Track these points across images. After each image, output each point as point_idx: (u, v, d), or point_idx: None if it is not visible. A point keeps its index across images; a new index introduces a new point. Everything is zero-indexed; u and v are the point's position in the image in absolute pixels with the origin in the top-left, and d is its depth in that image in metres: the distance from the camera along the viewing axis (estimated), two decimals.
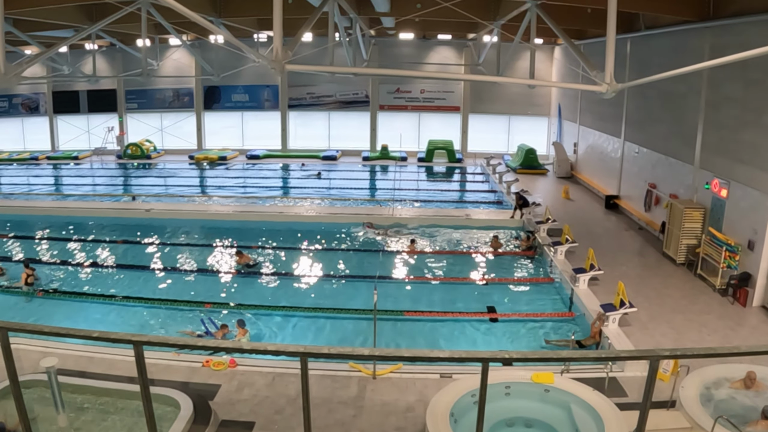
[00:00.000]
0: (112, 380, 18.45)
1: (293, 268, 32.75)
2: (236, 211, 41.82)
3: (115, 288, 29.63)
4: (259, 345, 6.79)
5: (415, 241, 35.42)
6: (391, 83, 66.10)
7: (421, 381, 19.38)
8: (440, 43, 64.43)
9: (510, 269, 32.51)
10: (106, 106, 70.97)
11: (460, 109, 66.28)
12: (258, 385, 19.13)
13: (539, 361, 6.44)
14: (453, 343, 24.02)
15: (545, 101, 64.58)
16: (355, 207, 43.93)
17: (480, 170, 58.67)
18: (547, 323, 25.41)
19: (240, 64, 57.92)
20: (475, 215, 40.42)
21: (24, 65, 26.54)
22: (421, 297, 28.48)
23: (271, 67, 19.89)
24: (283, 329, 25.07)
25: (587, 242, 32.02)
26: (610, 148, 45.10)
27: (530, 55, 40.47)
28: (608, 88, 19.84)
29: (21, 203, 46.21)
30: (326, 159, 64.17)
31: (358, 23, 43.68)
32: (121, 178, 59.73)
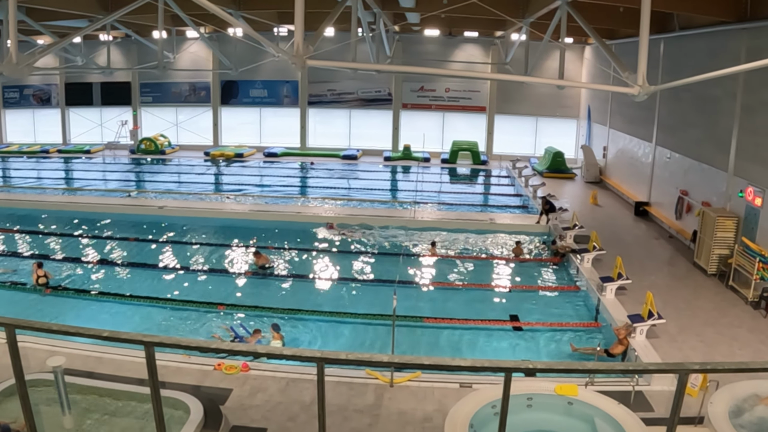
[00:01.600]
0: (120, 381, 18.53)
1: (310, 270, 32.78)
2: (252, 210, 41.91)
3: (125, 287, 29.67)
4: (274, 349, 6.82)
5: (436, 244, 35.40)
6: (415, 81, 66.03)
7: (440, 390, 19.34)
8: (466, 40, 64.44)
9: (534, 276, 32.41)
10: (120, 99, 71.29)
11: (486, 109, 66.15)
12: (271, 391, 19.15)
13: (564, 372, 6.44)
14: (474, 351, 23.97)
15: (574, 103, 64.38)
16: (376, 209, 43.95)
17: (505, 173, 58.55)
18: (572, 333, 25.31)
19: (259, 58, 58.00)
20: (500, 220, 40.42)
21: (36, 55, 26.65)
22: (442, 303, 28.46)
23: (292, 63, 19.92)
24: (298, 333, 25.04)
25: (615, 250, 31.85)
26: (640, 152, 44.92)
27: (560, 54, 40.36)
28: (640, 90, 19.78)
29: (30, 197, 46.44)
30: (346, 158, 64.29)
31: (382, 18, 43.73)
32: (133, 173, 59.92)
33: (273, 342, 23.30)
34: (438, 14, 41.53)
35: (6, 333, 6.29)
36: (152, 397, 6.15)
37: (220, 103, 70.14)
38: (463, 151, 62.74)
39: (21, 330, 6.39)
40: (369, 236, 37.83)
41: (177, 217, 41.00)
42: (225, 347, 5.82)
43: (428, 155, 64.11)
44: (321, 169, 59.71)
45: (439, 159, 63.77)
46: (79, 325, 6.32)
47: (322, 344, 24.37)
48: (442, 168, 61.32)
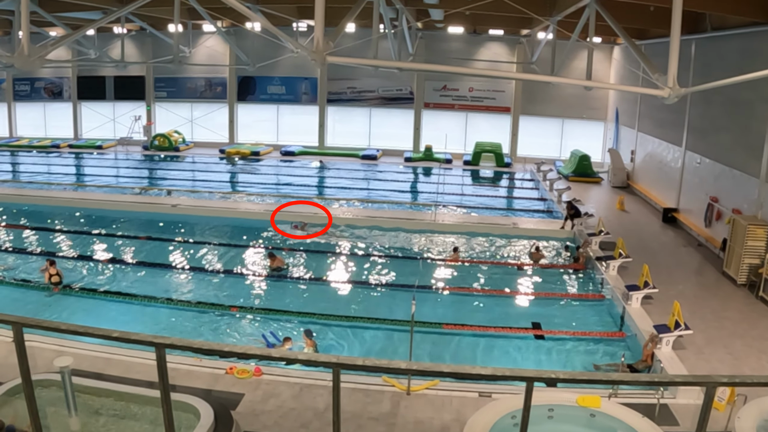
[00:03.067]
0: (129, 384, 18.55)
1: (326, 273, 32.87)
2: (268, 210, 41.75)
3: (136, 286, 29.82)
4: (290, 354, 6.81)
5: (458, 250, 35.38)
6: (438, 80, 66.00)
7: (459, 399, 19.29)
8: (491, 38, 64.31)
9: (558, 283, 32.35)
10: (134, 93, 71.60)
11: (510, 110, 65.96)
12: (284, 396, 19.17)
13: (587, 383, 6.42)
14: (494, 359, 23.95)
15: (602, 105, 64.17)
16: (395, 210, 43.98)
17: (529, 176, 58.48)
18: (596, 343, 25.26)
19: (277, 54, 58.11)
20: (523, 224, 40.32)
21: (49, 47, 26.75)
22: (462, 309, 28.42)
23: (312, 59, 19.95)
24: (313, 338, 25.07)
25: (642, 257, 31.67)
26: (669, 157, 44.75)
27: (588, 54, 40.29)
28: (671, 92, 19.73)
29: (40, 193, 46.72)
30: (366, 158, 64.30)
31: (404, 15, 43.70)
32: (146, 170, 60.10)
33: (306, 349, 23.29)
34: (462, 11, 41.52)
35: (13, 332, 6.31)
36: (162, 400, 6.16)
37: (237, 99, 70.30)
38: (487, 153, 62.53)
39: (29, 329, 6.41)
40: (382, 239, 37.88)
41: (190, 215, 41.14)
42: (237, 350, 5.83)
43: (450, 156, 64.04)
44: (339, 169, 59.82)
45: (462, 161, 63.66)
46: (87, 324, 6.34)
47: (337, 349, 24.38)
48: (464, 170, 61.17)
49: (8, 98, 74.83)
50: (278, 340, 24.30)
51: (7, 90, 74.68)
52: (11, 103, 75.02)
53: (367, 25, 43.65)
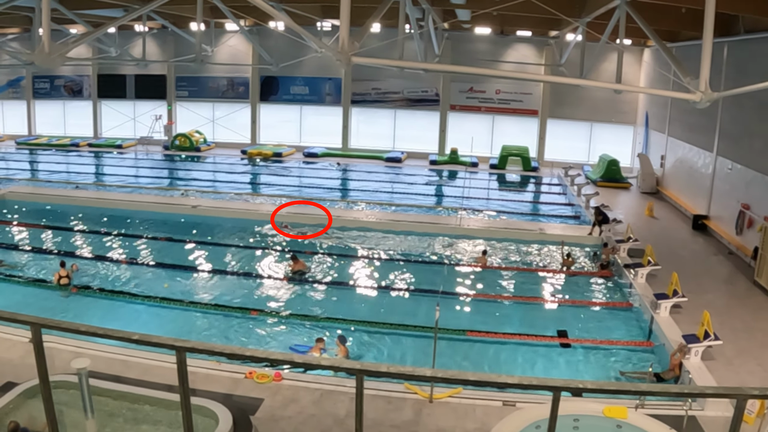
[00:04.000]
0: (147, 387, 18.63)
1: (348, 277, 32.84)
2: (290, 213, 41.98)
3: (154, 288, 29.98)
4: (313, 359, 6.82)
5: (487, 253, 35.37)
6: (464, 81, 65.95)
7: (482, 408, 19.25)
8: (519, 39, 64.24)
9: (585, 290, 32.20)
10: (155, 92, 71.97)
11: (538, 112, 65.90)
12: (304, 402, 19.18)
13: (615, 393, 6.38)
14: (518, 367, 23.88)
15: (631, 108, 63.89)
16: (419, 214, 44.02)
17: (557, 181, 58.41)
18: (623, 352, 25.14)
19: (301, 54, 58.17)
20: (550, 230, 40.23)
21: (70, 45, 26.86)
22: (486, 315, 28.38)
23: (337, 59, 19.98)
24: (332, 343, 25.05)
25: (671, 265, 31.46)
26: (700, 162, 44.56)
27: (617, 57, 40.19)
28: (703, 96, 19.65)
29: (58, 192, 47.06)
30: (390, 161, 64.33)
31: (430, 15, 43.71)
32: (167, 170, 60.30)
33: (337, 354, 23.25)
34: (490, 12, 41.49)
35: (31, 332, 6.34)
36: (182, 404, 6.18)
37: (259, 99, 70.55)
38: (513, 157, 62.40)
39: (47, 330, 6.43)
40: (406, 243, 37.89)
41: (211, 217, 41.27)
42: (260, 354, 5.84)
43: (476, 160, 63.98)
44: (363, 172, 59.87)
45: (488, 164, 63.57)
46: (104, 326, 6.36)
47: (357, 355, 24.37)
48: (490, 174, 60.92)
49: (28, 96, 75.32)
50: (308, 348, 24.27)
51: (26, 87, 75.17)
52: (31, 101, 75.48)
53: (392, 25, 43.66)
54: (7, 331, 22.08)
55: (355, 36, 20.76)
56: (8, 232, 38.93)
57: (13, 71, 73.79)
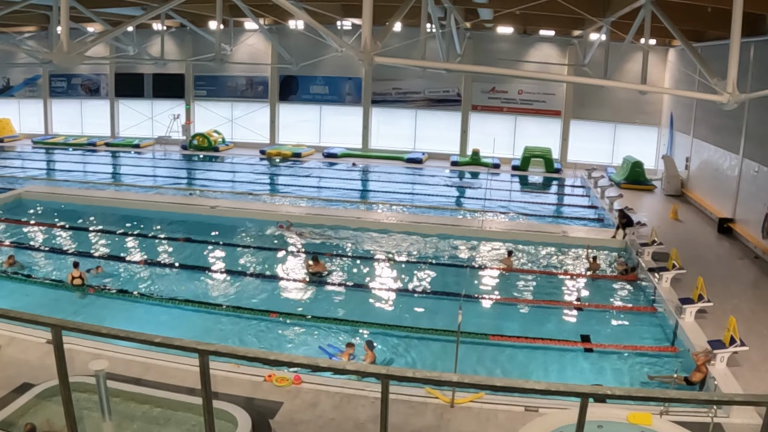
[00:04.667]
0: (165, 389, 18.73)
1: (368, 279, 32.87)
2: (309, 214, 42.06)
3: (171, 289, 30.12)
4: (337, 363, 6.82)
5: (512, 254, 35.35)
6: (486, 82, 65.85)
7: (505, 413, 19.20)
8: (542, 39, 64.12)
9: (608, 294, 32.11)
10: (173, 91, 72.17)
11: (561, 113, 65.76)
12: (324, 406, 19.18)
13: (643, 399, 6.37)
14: (541, 372, 23.85)
15: (656, 109, 63.62)
16: (440, 216, 43.96)
17: (580, 183, 58.22)
18: (647, 357, 25.06)
19: (320, 53, 58.24)
20: (573, 233, 40.14)
21: (88, 44, 26.95)
22: (508, 319, 28.33)
23: (359, 59, 20.01)
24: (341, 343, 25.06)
25: (696, 269, 31.39)
26: (726, 164, 44.36)
27: (642, 57, 40.05)
28: (730, 98, 19.59)
29: (75, 191, 47.26)
30: (411, 162, 64.27)
31: (453, 14, 43.73)
32: (185, 170, 60.44)
33: (365, 359, 23.23)
34: (512, 11, 41.43)
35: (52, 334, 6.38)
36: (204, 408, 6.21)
37: (279, 99, 70.65)
38: (536, 158, 62.25)
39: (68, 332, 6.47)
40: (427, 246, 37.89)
41: (229, 217, 41.37)
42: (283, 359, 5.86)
43: (498, 161, 63.95)
44: (384, 173, 59.86)
45: (510, 166, 63.46)
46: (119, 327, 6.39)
47: (378, 359, 24.35)
48: (512, 175, 60.85)
49: (44, 94, 75.70)
50: (337, 349, 24.31)
51: (43, 86, 75.53)
52: (47, 100, 75.84)
53: (414, 25, 43.59)
54: (25, 331, 22.19)
55: (377, 35, 20.78)
56: (24, 231, 39.12)
57: (30, 70, 74.19)
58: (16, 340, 22.03)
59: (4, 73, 76.77)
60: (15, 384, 18.91)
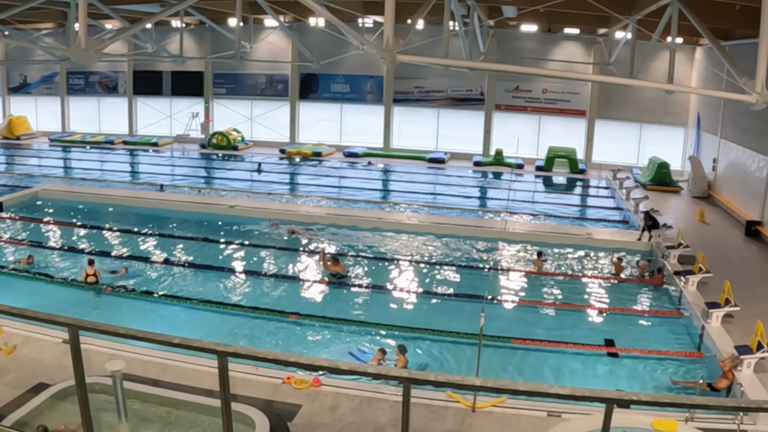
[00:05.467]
0: (182, 391, 18.80)
1: (388, 280, 32.81)
2: (329, 214, 42.11)
3: (189, 290, 30.23)
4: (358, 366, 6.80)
5: (542, 255, 35.31)
6: (510, 80, 65.74)
7: (527, 418, 19.09)
8: (567, 37, 64.03)
9: (632, 298, 31.94)
10: (192, 89, 72.42)
11: (585, 113, 65.58)
12: (343, 409, 19.15)
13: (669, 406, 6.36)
14: (564, 377, 23.77)
15: (683, 109, 63.33)
16: (463, 217, 43.92)
17: (605, 184, 58.06)
18: (672, 362, 24.91)
19: (341, 51, 58.24)
20: (597, 235, 39.99)
21: (106, 41, 27.06)
22: (530, 322, 28.23)
23: (381, 57, 20.01)
24: (372, 348, 25.09)
25: (723, 273, 31.11)
26: (754, 166, 44.15)
27: (669, 56, 39.97)
28: (758, 98, 19.50)
29: (92, 190, 47.41)
30: (433, 161, 64.33)
31: (476, 12, 43.66)
32: (203, 169, 60.60)
33: (397, 364, 23.17)
34: (537, 9, 41.32)
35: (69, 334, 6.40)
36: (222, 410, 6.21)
37: (299, 97, 70.79)
38: (560, 159, 62.19)
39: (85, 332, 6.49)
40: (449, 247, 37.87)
41: (249, 217, 41.42)
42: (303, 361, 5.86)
43: (522, 161, 63.84)
44: (405, 173, 59.88)
45: (534, 166, 63.43)
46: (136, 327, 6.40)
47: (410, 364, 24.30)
48: (536, 176, 60.90)
49: (62, 92, 76.08)
50: (368, 355, 24.23)
51: (60, 84, 75.91)
52: (64, 97, 76.23)
53: (436, 22, 43.59)
54: (41, 331, 22.27)
55: (400, 33, 20.77)
56: (41, 229, 39.34)
57: (47, 67, 74.62)
58: (32, 340, 22.10)
59: (21, 70, 77.27)
60: (30, 384, 18.96)
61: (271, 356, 6.19)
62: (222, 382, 6.07)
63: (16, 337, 22.08)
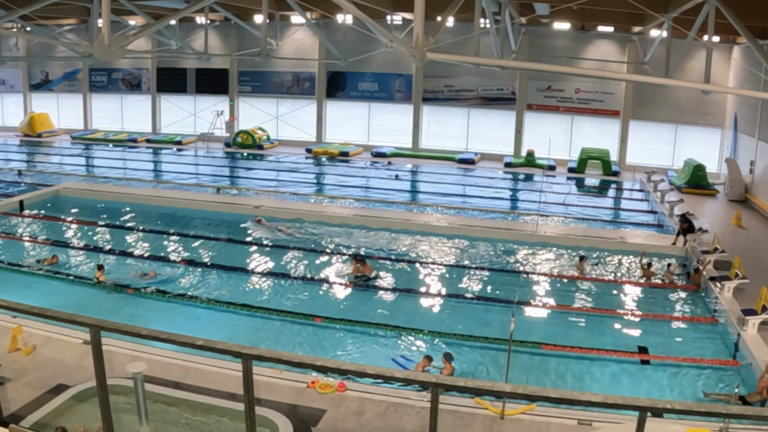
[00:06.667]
0: (204, 394, 18.85)
1: (416, 283, 32.75)
2: (356, 215, 42.21)
3: (212, 291, 30.34)
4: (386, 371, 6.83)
5: (585, 259, 35.20)
6: (542, 79, 65.62)
7: (557, 426, 18.99)
8: (600, 35, 63.75)
9: (666, 304, 31.74)
10: (216, 87, 72.78)
11: (619, 113, 65.29)
12: (368, 415, 19.13)
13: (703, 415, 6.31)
14: (595, 383, 23.69)
15: (719, 110, 62.91)
16: (493, 219, 43.86)
17: (639, 186, 57.74)
18: (706, 371, 24.75)
19: (369, 48, 58.35)
20: (631, 238, 39.73)
21: (130, 37, 27.19)
22: (561, 328, 28.18)
23: (410, 54, 20.01)
24: (399, 352, 25.07)
25: (760, 279, 30.95)
26: None
27: (706, 54, 39.85)
28: None
29: (114, 189, 47.73)
30: (462, 162, 64.26)
31: (507, 9, 43.61)
32: (228, 168, 60.77)
33: (444, 372, 23.13)
34: (570, 6, 41.26)
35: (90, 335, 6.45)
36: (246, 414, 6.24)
37: (326, 95, 70.90)
38: (593, 160, 61.90)
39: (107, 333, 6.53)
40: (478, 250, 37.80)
41: (274, 218, 41.40)
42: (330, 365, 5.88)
43: (554, 163, 63.74)
44: (435, 173, 59.82)
45: (566, 167, 63.21)
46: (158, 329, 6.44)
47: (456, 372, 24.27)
48: (568, 178, 60.74)
49: (84, 89, 76.60)
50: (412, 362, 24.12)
51: (83, 80, 76.42)
52: (87, 94, 76.74)
53: (467, 20, 43.52)
54: (61, 331, 22.41)
55: (429, 30, 20.77)
56: (62, 228, 39.62)
57: (69, 63, 75.09)
58: (51, 340, 22.23)
59: (43, 66, 77.75)
60: (50, 385, 19.07)
61: (297, 359, 6.22)
62: (246, 385, 6.10)
63: (35, 337, 22.23)
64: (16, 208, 41.97)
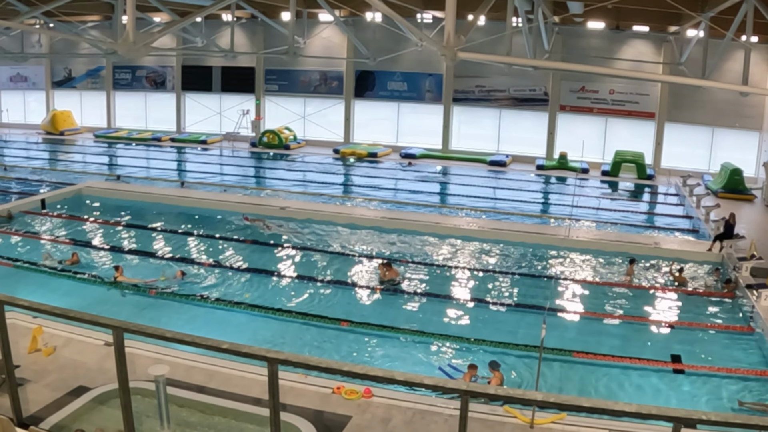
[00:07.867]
0: (227, 398, 18.87)
1: (444, 287, 32.69)
2: (384, 218, 42.12)
3: (236, 294, 30.37)
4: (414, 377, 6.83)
5: (635, 262, 35.09)
6: (576, 80, 65.45)
7: None
8: (635, 35, 63.41)
9: (701, 311, 31.52)
10: (242, 86, 72.95)
11: (655, 115, 64.97)
12: (395, 422, 19.07)
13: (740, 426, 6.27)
14: (626, 393, 23.60)
15: (757, 113, 62.49)
16: (524, 223, 43.73)
17: (674, 191, 57.53)
18: (742, 381, 24.57)
19: (399, 47, 58.38)
20: (666, 244, 39.60)
21: (155, 35, 27.29)
22: (593, 335, 28.02)
23: (441, 54, 20.00)
24: (424, 358, 25.10)
25: None
26: None
27: (744, 55, 39.69)
28: None
29: (137, 188, 47.93)
30: (493, 164, 64.09)
31: (540, 8, 43.54)
32: (254, 168, 60.87)
33: (491, 381, 23.11)
34: (604, 5, 41.20)
35: (113, 336, 6.49)
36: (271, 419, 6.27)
37: (354, 95, 70.94)
38: (627, 163, 61.62)
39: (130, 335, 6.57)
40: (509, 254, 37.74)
41: (300, 220, 41.53)
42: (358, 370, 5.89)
43: (587, 166, 63.57)
44: (465, 175, 59.80)
45: (599, 171, 62.96)
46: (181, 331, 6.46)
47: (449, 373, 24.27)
48: (602, 181, 60.49)
49: (108, 87, 76.93)
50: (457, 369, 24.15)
51: (106, 78, 76.78)
52: (110, 92, 77.05)
53: (499, 19, 43.52)
54: (83, 333, 22.46)
55: (461, 29, 20.76)
56: (84, 228, 39.81)
57: (93, 61, 75.45)
58: (73, 342, 22.29)
59: (66, 63, 78.17)
60: (70, 387, 19.11)
61: (324, 364, 6.25)
62: (271, 390, 6.13)
63: (56, 338, 22.31)
64: (37, 207, 42.22)
